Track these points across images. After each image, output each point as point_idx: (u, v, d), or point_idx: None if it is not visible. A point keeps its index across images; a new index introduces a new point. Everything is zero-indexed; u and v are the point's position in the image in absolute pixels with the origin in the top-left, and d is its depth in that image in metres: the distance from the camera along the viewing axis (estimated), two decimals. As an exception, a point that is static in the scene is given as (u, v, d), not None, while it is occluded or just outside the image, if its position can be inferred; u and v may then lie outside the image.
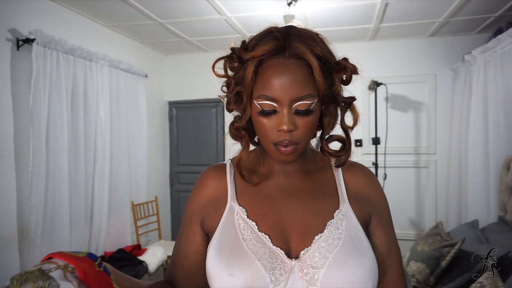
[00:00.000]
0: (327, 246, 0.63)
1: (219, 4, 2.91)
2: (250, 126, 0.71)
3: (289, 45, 0.63)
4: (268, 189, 0.71)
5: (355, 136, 3.98)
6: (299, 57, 0.63)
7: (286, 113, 0.62)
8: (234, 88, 0.69)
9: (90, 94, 3.00)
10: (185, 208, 0.77)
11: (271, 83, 0.62)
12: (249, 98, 0.67)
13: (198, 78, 4.29)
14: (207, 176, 0.75)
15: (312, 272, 0.61)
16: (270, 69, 0.63)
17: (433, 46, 3.84)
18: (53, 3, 2.78)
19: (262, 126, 0.65)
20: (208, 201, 0.72)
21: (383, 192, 0.76)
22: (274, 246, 0.64)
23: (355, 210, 0.69)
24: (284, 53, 0.63)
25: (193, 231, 0.73)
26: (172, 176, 4.59)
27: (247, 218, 0.67)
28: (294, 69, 0.63)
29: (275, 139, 0.64)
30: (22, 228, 2.45)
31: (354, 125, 0.71)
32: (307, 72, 0.63)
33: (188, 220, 0.74)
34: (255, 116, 0.66)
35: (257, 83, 0.65)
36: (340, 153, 0.71)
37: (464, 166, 3.37)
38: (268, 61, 0.64)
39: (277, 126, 0.63)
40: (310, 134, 0.67)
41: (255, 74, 0.65)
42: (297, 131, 0.64)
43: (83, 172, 2.95)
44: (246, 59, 0.65)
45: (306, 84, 0.63)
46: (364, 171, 0.76)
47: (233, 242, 0.64)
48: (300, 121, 0.64)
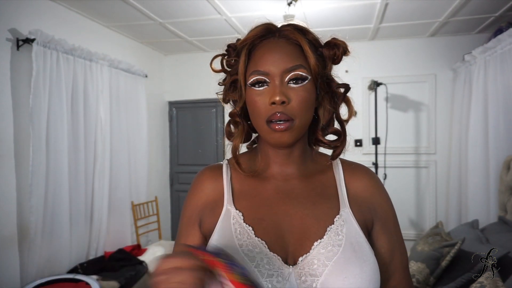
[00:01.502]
0: (327, 253, 0.61)
1: (219, 4, 2.91)
2: (246, 116, 0.71)
3: (278, 29, 0.67)
4: (266, 192, 0.69)
5: (355, 136, 3.98)
6: (289, 38, 0.66)
7: (278, 84, 0.63)
8: (229, 79, 0.71)
9: (90, 94, 3.00)
10: (182, 211, 0.75)
11: (262, 59, 0.64)
12: (244, 83, 0.67)
13: (198, 78, 4.29)
14: (203, 178, 0.73)
15: (310, 280, 0.59)
16: (261, 48, 0.66)
17: (433, 46, 3.84)
18: (53, 3, 2.78)
19: (255, 104, 0.64)
20: (205, 204, 0.71)
21: (387, 195, 0.73)
22: (271, 252, 0.61)
23: (356, 215, 0.66)
24: (274, 35, 0.67)
25: (192, 234, 0.70)
26: (172, 176, 4.59)
27: (244, 222, 0.65)
28: (284, 45, 0.65)
29: (267, 114, 0.63)
30: (22, 228, 2.44)
31: (350, 117, 0.70)
32: (298, 50, 0.65)
33: (186, 224, 0.72)
34: (248, 97, 0.66)
35: (250, 65, 0.66)
36: (336, 143, 0.70)
37: (464, 166, 3.36)
38: (259, 44, 0.67)
39: (269, 99, 0.62)
40: (305, 110, 0.64)
41: (248, 58, 0.67)
42: (290, 104, 0.62)
43: (83, 172, 2.95)
44: (240, 48, 0.67)
45: (297, 57, 0.64)
46: (366, 173, 0.73)
47: (229, 247, 0.62)
48: (293, 93, 0.63)
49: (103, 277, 2.60)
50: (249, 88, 0.65)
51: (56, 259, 2.67)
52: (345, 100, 0.70)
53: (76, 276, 2.40)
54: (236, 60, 0.69)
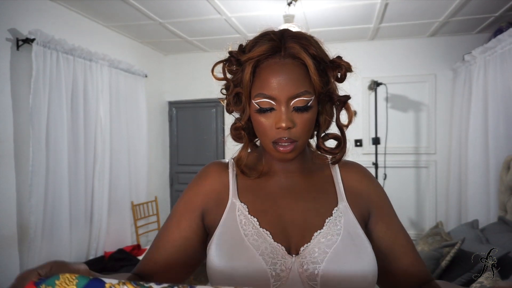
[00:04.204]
0: (326, 242, 0.64)
1: (219, 4, 2.90)
2: (249, 127, 0.72)
3: (284, 45, 0.66)
4: (269, 187, 0.72)
5: (355, 136, 3.98)
6: (294, 57, 0.65)
7: (284, 110, 0.64)
8: (233, 90, 0.71)
9: (90, 94, 3.00)
10: (179, 198, 0.75)
11: (268, 82, 0.65)
12: (248, 98, 0.68)
13: (198, 78, 4.29)
14: (210, 170, 0.75)
15: (312, 268, 0.61)
16: (267, 69, 0.66)
17: (433, 46, 3.84)
18: (53, 3, 2.78)
19: (261, 125, 0.67)
20: (210, 194, 0.72)
21: (381, 187, 0.78)
22: (275, 242, 0.64)
23: (353, 208, 0.70)
24: (280, 53, 0.66)
25: (189, 219, 0.71)
26: (172, 176, 4.59)
27: (249, 214, 0.68)
28: (290, 68, 0.65)
29: (274, 137, 0.66)
30: (22, 228, 2.45)
31: (349, 123, 0.72)
32: (303, 71, 0.65)
33: (183, 208, 0.72)
34: (254, 116, 0.68)
35: (255, 83, 0.67)
36: (336, 151, 0.73)
37: (464, 166, 3.37)
38: (265, 61, 0.66)
39: (275, 124, 0.65)
40: (308, 131, 0.67)
41: (252, 74, 0.67)
42: (295, 129, 0.65)
43: (83, 172, 2.95)
44: (244, 61, 0.67)
45: (302, 81, 0.65)
46: (360, 169, 0.78)
47: (235, 237, 0.65)
48: (298, 118, 0.65)
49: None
50: (254, 109, 0.67)
51: (56, 259, 2.65)
52: (345, 107, 0.72)
53: (76, 276, 2.40)
54: (238, 69, 0.69)
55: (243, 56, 0.68)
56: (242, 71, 0.68)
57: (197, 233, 0.71)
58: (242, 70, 0.68)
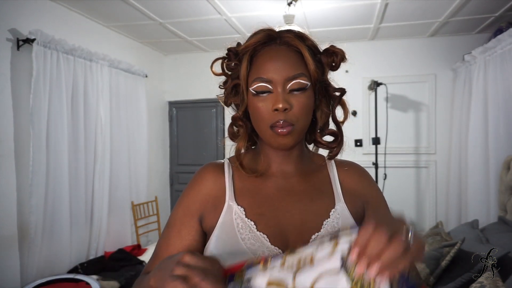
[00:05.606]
0: None
1: (219, 4, 2.91)
2: (247, 118, 0.73)
3: (279, 35, 0.69)
4: (267, 189, 0.72)
5: (355, 136, 3.98)
6: (289, 44, 0.68)
7: (281, 91, 0.65)
8: (231, 82, 0.72)
9: (90, 94, 3.00)
10: (177, 204, 0.73)
11: (264, 66, 0.66)
12: (246, 88, 0.69)
13: (198, 78, 4.29)
14: (205, 172, 0.74)
15: None
16: (263, 55, 0.68)
17: (433, 46, 3.84)
18: (53, 3, 2.78)
19: (258, 110, 0.67)
20: (207, 198, 0.71)
21: (377, 186, 0.79)
22: (272, 245, 0.64)
23: (350, 208, 0.71)
24: (276, 41, 0.69)
25: (189, 226, 0.70)
26: (172, 176, 4.59)
27: (246, 217, 0.67)
28: (285, 53, 0.67)
29: (271, 120, 0.66)
30: (22, 228, 2.45)
31: (345, 119, 0.74)
32: (298, 57, 0.67)
33: (182, 214, 0.71)
34: (251, 102, 0.69)
35: (252, 71, 0.68)
36: (333, 144, 0.74)
37: (464, 166, 3.36)
38: (261, 50, 0.68)
39: (272, 106, 0.65)
40: (305, 115, 0.67)
41: (249, 63, 0.69)
42: (292, 111, 0.65)
43: (83, 172, 2.95)
44: (241, 52, 0.69)
45: (298, 65, 0.66)
46: (357, 168, 0.79)
47: (232, 241, 0.65)
48: (294, 100, 0.66)
49: (103, 277, 2.60)
50: (252, 94, 0.68)
51: (56, 259, 2.67)
52: (341, 103, 0.74)
53: (76, 276, 2.40)
54: (237, 64, 0.71)
55: (240, 47, 0.70)
56: (240, 63, 0.70)
57: (198, 240, 0.70)
58: (240, 62, 0.70)
